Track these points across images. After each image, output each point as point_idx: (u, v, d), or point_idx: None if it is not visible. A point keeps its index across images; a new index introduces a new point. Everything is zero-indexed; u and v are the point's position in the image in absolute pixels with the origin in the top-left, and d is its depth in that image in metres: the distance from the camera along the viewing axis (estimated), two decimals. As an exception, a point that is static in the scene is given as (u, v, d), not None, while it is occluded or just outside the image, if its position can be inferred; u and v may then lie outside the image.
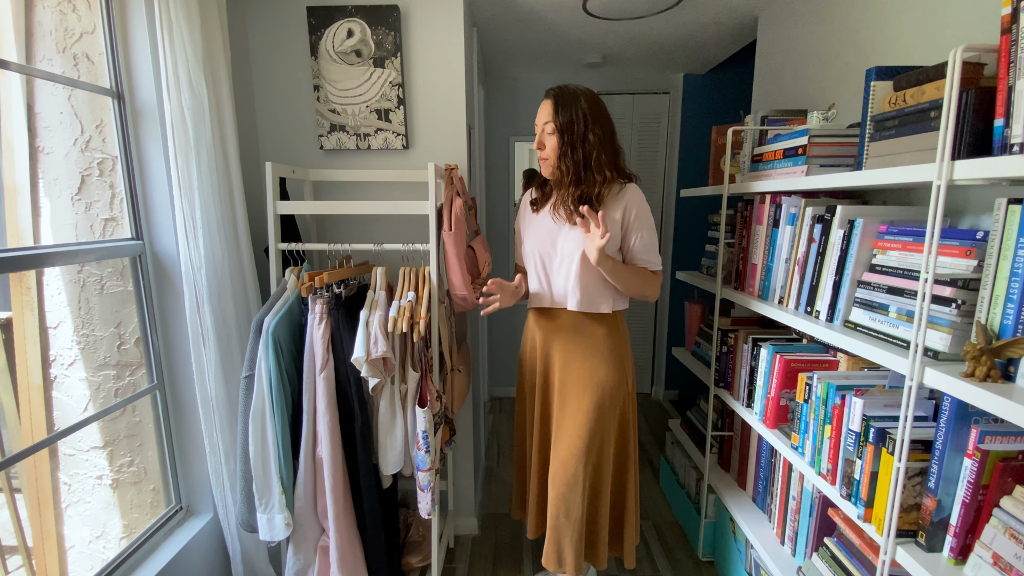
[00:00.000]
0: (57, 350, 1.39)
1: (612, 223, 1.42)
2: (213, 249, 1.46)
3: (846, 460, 1.19)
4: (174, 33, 1.33)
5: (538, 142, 1.45)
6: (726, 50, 2.77)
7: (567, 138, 1.39)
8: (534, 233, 1.52)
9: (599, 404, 1.46)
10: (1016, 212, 0.86)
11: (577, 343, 1.49)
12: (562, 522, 1.45)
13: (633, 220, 1.43)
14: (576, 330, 1.49)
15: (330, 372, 1.49)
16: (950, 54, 0.88)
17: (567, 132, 1.39)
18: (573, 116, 1.38)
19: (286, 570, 1.57)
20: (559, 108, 1.39)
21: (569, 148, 1.39)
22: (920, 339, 0.96)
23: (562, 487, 1.44)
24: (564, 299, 1.48)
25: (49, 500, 1.38)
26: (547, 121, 1.41)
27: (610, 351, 1.49)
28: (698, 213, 3.29)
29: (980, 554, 0.89)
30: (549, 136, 1.42)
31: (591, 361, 1.48)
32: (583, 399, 1.47)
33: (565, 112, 1.38)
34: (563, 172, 1.42)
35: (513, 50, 2.78)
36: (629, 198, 1.43)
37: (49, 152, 1.34)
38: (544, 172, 1.49)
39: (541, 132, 1.44)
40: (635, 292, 1.46)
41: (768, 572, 1.57)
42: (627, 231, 1.44)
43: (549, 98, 1.41)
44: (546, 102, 1.42)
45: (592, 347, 1.48)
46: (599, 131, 1.39)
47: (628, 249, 1.47)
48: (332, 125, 1.88)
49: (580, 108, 1.38)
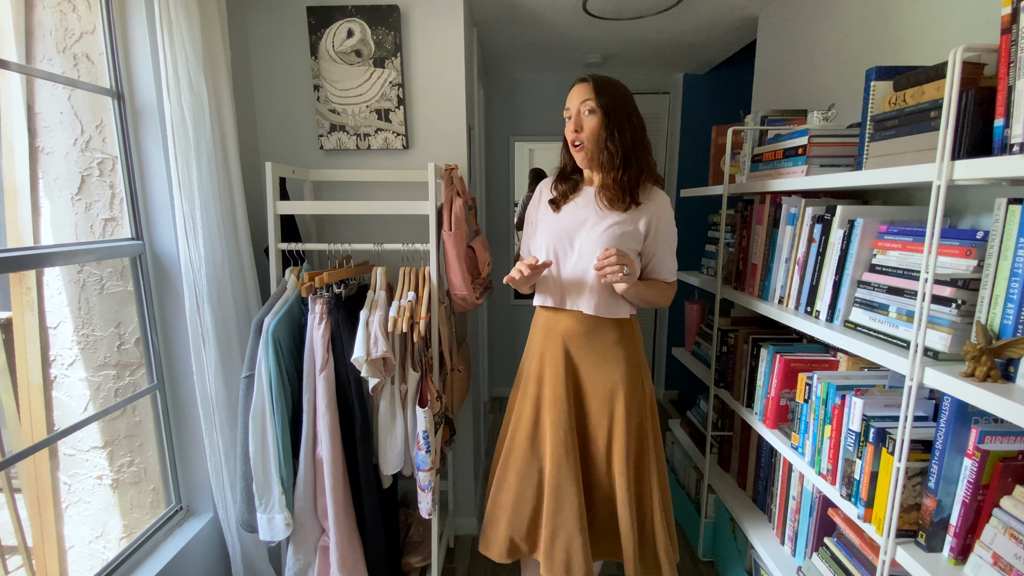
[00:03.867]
0: (57, 350, 1.39)
1: (639, 223, 1.34)
2: (213, 249, 1.46)
3: (846, 460, 1.19)
4: (174, 33, 1.33)
5: (575, 125, 1.32)
6: (726, 50, 2.77)
7: (612, 118, 1.29)
8: (551, 226, 1.40)
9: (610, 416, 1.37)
10: (1016, 212, 0.86)
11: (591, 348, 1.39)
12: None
13: (660, 232, 1.35)
14: (593, 335, 1.38)
15: (330, 372, 1.49)
16: (950, 54, 0.88)
17: (611, 112, 1.29)
18: (615, 97, 1.30)
19: (286, 570, 1.57)
20: (600, 89, 1.30)
21: (615, 128, 1.29)
22: (920, 339, 0.95)
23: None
24: (576, 300, 1.37)
25: (49, 500, 1.38)
26: (586, 99, 1.30)
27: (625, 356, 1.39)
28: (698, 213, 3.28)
29: (980, 554, 0.89)
30: (588, 117, 1.30)
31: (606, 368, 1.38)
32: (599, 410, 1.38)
33: (606, 93, 1.29)
34: (612, 153, 1.30)
35: (513, 50, 2.77)
36: (660, 206, 1.35)
37: (49, 152, 1.34)
38: (579, 159, 1.36)
39: (577, 114, 1.32)
40: (648, 305, 1.40)
41: (768, 572, 1.57)
42: (653, 241, 1.36)
43: (585, 81, 1.32)
44: (581, 85, 1.32)
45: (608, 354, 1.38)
46: (637, 120, 1.33)
47: (649, 259, 1.39)
48: (332, 125, 1.88)
49: (619, 91, 1.31)
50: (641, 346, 1.46)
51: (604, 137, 1.31)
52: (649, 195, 1.36)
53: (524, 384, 1.48)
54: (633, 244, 1.35)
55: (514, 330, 3.59)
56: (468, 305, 1.71)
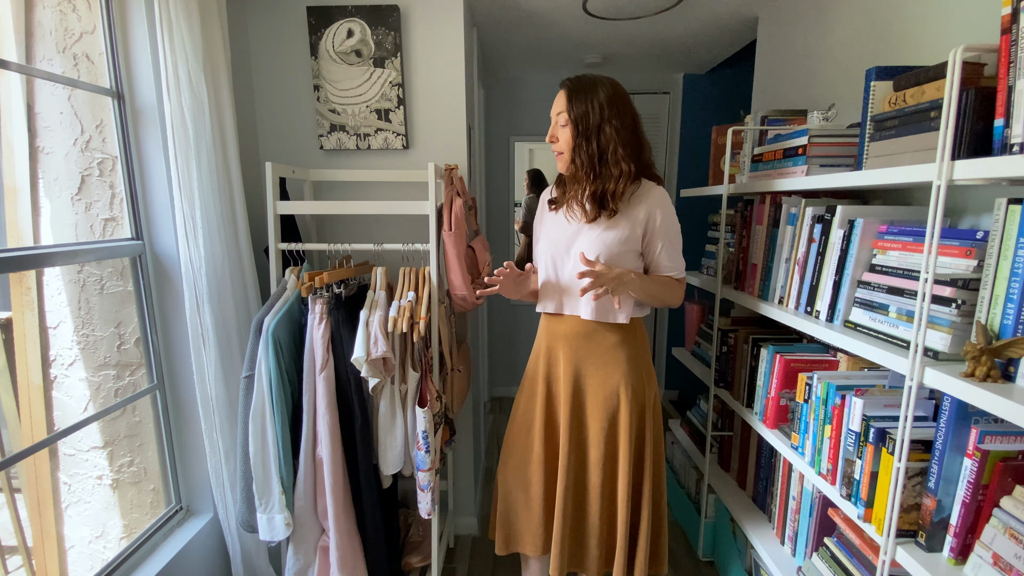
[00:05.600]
0: (57, 350, 1.39)
1: (634, 223, 1.33)
2: (213, 249, 1.46)
3: (846, 460, 1.19)
4: (174, 33, 1.33)
5: (551, 134, 1.37)
6: (726, 50, 2.77)
7: (581, 129, 1.31)
8: (549, 234, 1.43)
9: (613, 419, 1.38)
10: (1016, 212, 0.85)
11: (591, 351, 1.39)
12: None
13: (659, 226, 1.34)
14: (592, 338, 1.39)
15: (330, 372, 1.49)
16: (950, 54, 0.88)
17: (581, 123, 1.31)
18: (588, 107, 1.30)
19: (286, 570, 1.57)
20: (573, 98, 1.31)
21: (584, 140, 1.31)
22: (920, 339, 0.95)
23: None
24: (575, 305, 1.38)
25: (49, 500, 1.38)
26: (560, 112, 1.33)
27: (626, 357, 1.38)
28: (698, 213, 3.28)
29: (980, 554, 0.89)
30: (562, 128, 1.34)
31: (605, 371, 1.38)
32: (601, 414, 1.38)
33: (579, 103, 1.31)
34: (578, 166, 1.34)
35: (513, 50, 2.77)
36: (654, 201, 1.34)
37: (49, 152, 1.34)
38: (559, 166, 1.40)
39: (554, 124, 1.36)
40: (658, 303, 1.39)
41: (768, 572, 1.57)
42: (651, 237, 1.35)
43: (564, 88, 1.34)
44: (561, 93, 1.34)
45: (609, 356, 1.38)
46: (617, 123, 1.31)
47: (652, 256, 1.38)
48: (332, 125, 1.88)
49: (596, 99, 1.30)
50: (646, 348, 1.45)
51: (572, 148, 1.33)
52: (644, 192, 1.35)
53: (530, 386, 1.49)
54: (630, 246, 1.34)
55: (514, 330, 3.60)
56: (468, 305, 1.71)
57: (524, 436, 1.47)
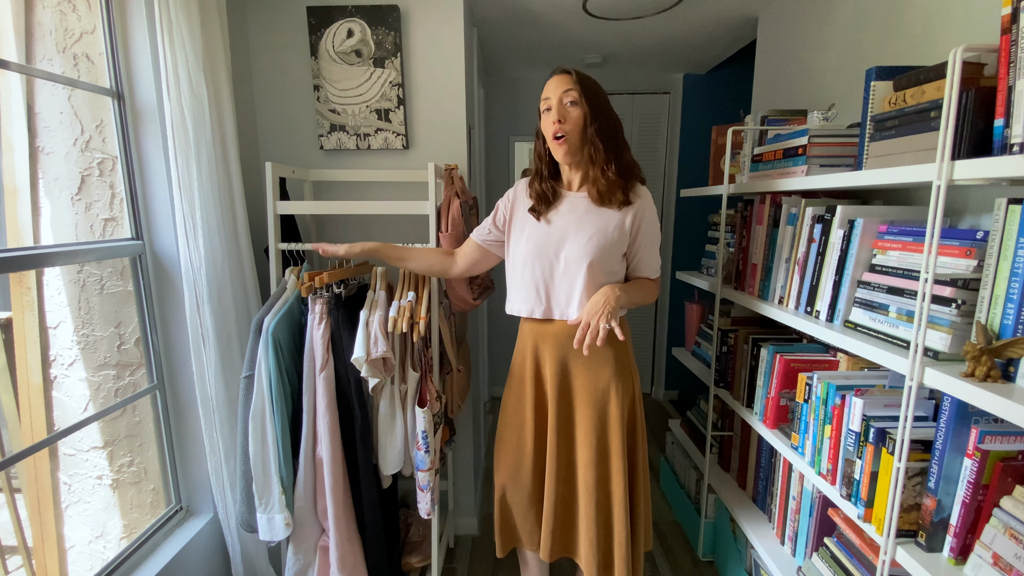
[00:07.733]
0: (57, 350, 1.39)
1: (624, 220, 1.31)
2: (213, 249, 1.46)
3: (846, 460, 1.19)
4: (174, 33, 1.33)
5: (557, 115, 1.24)
6: (726, 50, 2.77)
7: (596, 111, 1.24)
8: (534, 240, 1.35)
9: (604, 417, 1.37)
10: (1016, 212, 0.86)
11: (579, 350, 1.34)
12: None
13: (643, 229, 1.33)
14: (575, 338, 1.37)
15: (330, 372, 1.49)
16: (950, 54, 0.88)
17: (595, 105, 1.24)
18: (597, 91, 1.26)
19: (286, 570, 1.57)
20: (581, 80, 1.25)
21: (601, 117, 1.24)
22: (920, 339, 0.96)
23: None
24: (565, 310, 1.34)
25: (49, 500, 1.38)
26: (568, 89, 1.24)
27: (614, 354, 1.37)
28: (698, 213, 3.29)
29: (980, 554, 0.89)
30: (571, 108, 1.24)
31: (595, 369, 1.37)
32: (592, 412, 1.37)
33: (588, 85, 1.25)
34: (600, 146, 1.26)
35: (513, 50, 2.77)
36: (643, 204, 1.32)
37: (49, 152, 1.34)
38: (561, 153, 1.28)
39: (559, 104, 1.24)
40: (638, 305, 1.40)
41: (768, 572, 1.57)
42: (635, 239, 1.34)
43: (566, 72, 1.26)
44: (560, 76, 1.26)
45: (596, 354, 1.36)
46: (616, 119, 1.29)
47: (633, 259, 1.37)
48: (332, 125, 1.88)
49: (599, 88, 1.28)
50: (628, 342, 1.43)
51: (590, 129, 1.26)
52: (636, 193, 1.34)
53: (518, 386, 1.47)
54: (619, 248, 1.33)
55: (514, 330, 3.55)
56: (466, 306, 1.71)
57: (516, 438, 1.45)
